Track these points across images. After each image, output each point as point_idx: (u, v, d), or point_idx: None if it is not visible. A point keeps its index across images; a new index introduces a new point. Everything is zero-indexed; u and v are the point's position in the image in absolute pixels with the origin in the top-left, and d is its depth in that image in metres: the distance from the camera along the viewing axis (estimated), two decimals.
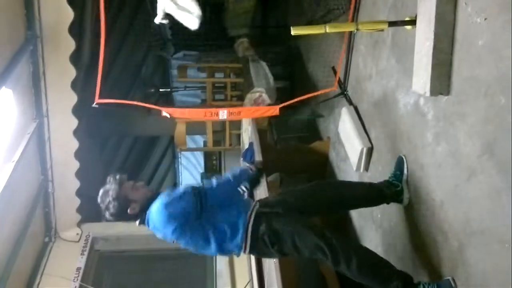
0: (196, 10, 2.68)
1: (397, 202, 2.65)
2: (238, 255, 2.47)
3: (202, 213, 2.36)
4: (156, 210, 2.35)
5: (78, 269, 4.45)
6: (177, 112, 2.93)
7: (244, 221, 2.38)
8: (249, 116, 3.85)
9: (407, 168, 2.61)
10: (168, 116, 2.72)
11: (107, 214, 2.42)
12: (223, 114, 2.79)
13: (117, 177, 2.45)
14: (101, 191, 2.44)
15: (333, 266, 2.29)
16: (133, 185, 2.48)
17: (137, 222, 2.47)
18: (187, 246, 2.43)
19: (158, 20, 2.67)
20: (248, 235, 2.35)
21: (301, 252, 2.31)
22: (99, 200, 2.44)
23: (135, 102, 3.00)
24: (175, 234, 2.35)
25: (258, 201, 2.56)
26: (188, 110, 2.97)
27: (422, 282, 2.24)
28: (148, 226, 2.43)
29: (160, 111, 2.76)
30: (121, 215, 2.42)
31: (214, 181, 2.49)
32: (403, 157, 2.65)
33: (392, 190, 2.62)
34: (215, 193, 2.45)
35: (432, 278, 2.34)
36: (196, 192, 2.38)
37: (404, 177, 2.62)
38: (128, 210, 2.40)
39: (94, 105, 2.62)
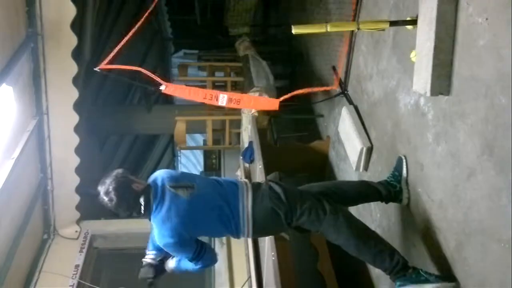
0: None
1: (396, 202, 2.66)
2: (238, 235, 2.48)
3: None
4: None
5: (77, 266, 4.45)
6: (177, 89, 2.90)
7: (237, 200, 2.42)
8: (248, 106, 3.80)
9: (407, 168, 2.61)
10: (165, 90, 2.70)
11: (107, 199, 2.31)
12: (223, 99, 2.75)
13: (119, 170, 2.42)
14: (101, 181, 2.37)
15: (330, 229, 2.36)
16: (132, 180, 2.42)
17: (142, 206, 2.36)
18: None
19: None
20: (249, 201, 2.40)
21: (299, 209, 2.37)
22: (99, 186, 2.35)
23: (138, 68, 2.94)
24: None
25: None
26: (189, 89, 2.91)
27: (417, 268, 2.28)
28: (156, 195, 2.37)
29: (159, 87, 2.75)
30: (121, 197, 2.31)
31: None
32: (403, 157, 2.65)
33: (390, 190, 2.62)
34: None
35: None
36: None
37: (403, 178, 2.62)
38: (133, 186, 2.34)
39: (96, 69, 2.60)
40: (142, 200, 2.35)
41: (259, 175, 3.60)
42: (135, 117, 6.83)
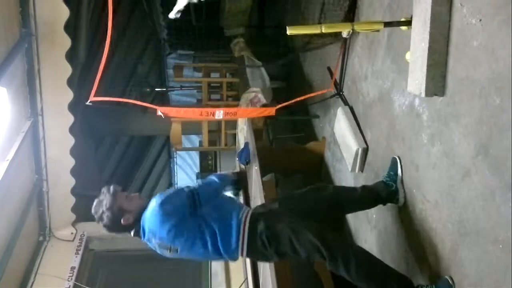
0: None
1: (392, 202, 2.66)
2: (234, 258, 2.45)
3: (197, 211, 2.36)
4: (151, 211, 2.34)
5: (73, 268, 4.43)
6: (172, 112, 2.91)
7: (238, 222, 2.37)
8: (245, 116, 3.85)
9: (401, 168, 2.62)
10: (162, 116, 2.71)
11: (101, 225, 2.41)
12: (219, 114, 2.79)
13: (111, 187, 2.44)
14: (95, 202, 2.43)
15: (331, 267, 2.26)
16: (127, 196, 2.47)
17: (132, 232, 2.45)
18: (184, 250, 2.38)
19: (172, 15, 2.65)
20: (244, 235, 2.34)
21: (299, 253, 2.29)
22: (93, 211, 2.43)
23: (129, 100, 2.96)
24: (171, 234, 2.32)
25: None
26: (184, 110, 2.95)
27: (421, 284, 2.25)
28: (144, 235, 2.40)
29: (155, 110, 2.75)
30: (114, 226, 2.41)
31: (201, 180, 2.55)
32: (397, 158, 2.66)
33: (387, 190, 2.63)
34: (205, 190, 2.47)
35: (427, 278, 2.34)
36: (189, 190, 2.41)
37: (399, 178, 2.63)
38: (122, 221, 2.38)
39: (88, 103, 2.61)
40: (132, 233, 2.45)
41: (255, 176, 3.60)
42: (131, 118, 6.81)
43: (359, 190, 2.73)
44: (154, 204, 2.34)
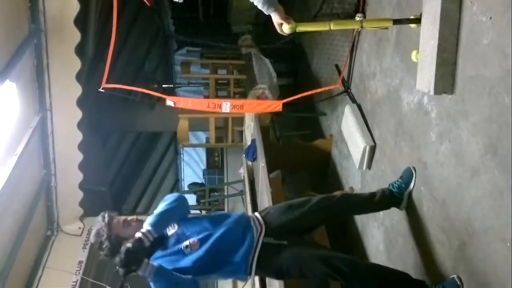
0: None
1: (394, 207, 2.66)
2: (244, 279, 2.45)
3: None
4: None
5: (80, 262, 4.46)
6: (181, 102, 2.92)
7: (246, 253, 2.28)
8: (252, 110, 3.83)
9: (415, 182, 2.54)
10: (173, 104, 2.72)
11: (102, 255, 2.31)
12: (226, 106, 2.79)
13: (106, 216, 2.34)
14: (93, 232, 2.36)
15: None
16: (124, 221, 2.35)
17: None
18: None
19: None
20: (253, 267, 2.28)
21: (310, 278, 2.34)
22: (92, 241, 2.35)
23: (140, 89, 2.97)
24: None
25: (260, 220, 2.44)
26: (192, 100, 2.96)
27: (430, 285, 2.26)
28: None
29: (164, 101, 2.77)
30: (115, 256, 2.18)
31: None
32: (413, 169, 2.56)
33: (392, 201, 2.60)
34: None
35: (434, 276, 2.34)
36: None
37: (409, 190, 2.57)
38: (122, 249, 2.15)
39: (100, 89, 2.61)
40: None
41: (261, 173, 3.61)
42: (138, 114, 6.84)
43: (367, 201, 2.65)
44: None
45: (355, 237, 3.62)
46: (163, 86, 8.43)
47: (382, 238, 3.09)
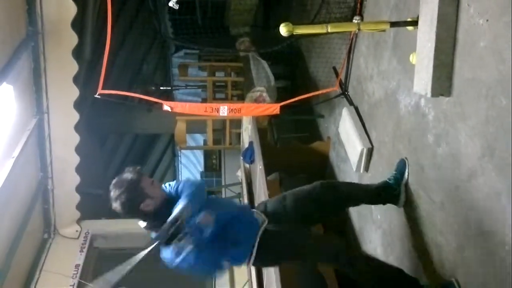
0: None
1: (392, 203, 2.65)
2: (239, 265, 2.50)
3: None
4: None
5: (77, 266, 4.45)
6: (178, 107, 2.93)
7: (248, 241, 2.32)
8: (249, 113, 3.84)
9: (408, 171, 2.60)
10: (170, 109, 2.72)
11: (115, 205, 2.19)
12: (223, 110, 2.79)
13: (137, 167, 2.28)
14: (115, 179, 2.23)
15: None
16: (152, 182, 2.30)
17: (144, 224, 2.28)
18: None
19: (172, 3, 2.64)
20: (253, 254, 2.31)
21: (307, 261, 2.48)
22: (111, 187, 2.21)
23: (137, 94, 2.98)
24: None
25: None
26: (189, 105, 2.96)
27: (426, 284, 2.26)
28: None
29: (161, 106, 2.77)
30: (130, 209, 2.19)
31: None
32: (406, 160, 2.63)
33: (390, 193, 2.61)
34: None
35: (432, 279, 2.33)
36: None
37: (404, 180, 2.60)
38: (141, 205, 2.18)
39: (96, 95, 2.61)
40: (143, 224, 2.30)
41: (259, 175, 3.60)
42: (136, 116, 6.83)
43: (361, 189, 2.75)
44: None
45: (352, 241, 3.61)
46: (161, 88, 8.41)
47: (379, 242, 3.09)
